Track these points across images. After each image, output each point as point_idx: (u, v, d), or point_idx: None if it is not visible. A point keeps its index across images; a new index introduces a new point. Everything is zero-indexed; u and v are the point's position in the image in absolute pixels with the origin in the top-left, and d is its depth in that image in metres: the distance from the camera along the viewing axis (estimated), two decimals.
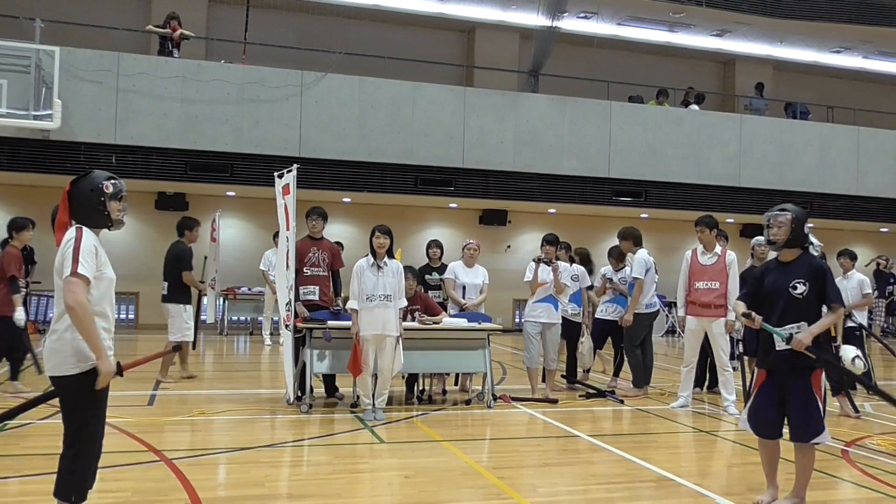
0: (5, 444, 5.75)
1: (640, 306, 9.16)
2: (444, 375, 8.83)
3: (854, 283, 9.50)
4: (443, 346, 7.89)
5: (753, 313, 4.70)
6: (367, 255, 7.18)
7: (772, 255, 5.70)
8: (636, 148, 16.29)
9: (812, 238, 4.91)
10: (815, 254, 4.97)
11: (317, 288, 7.98)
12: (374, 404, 7.11)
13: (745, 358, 8.83)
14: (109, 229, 3.67)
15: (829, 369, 7.94)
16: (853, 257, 9.73)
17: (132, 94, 13.38)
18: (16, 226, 8.60)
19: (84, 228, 3.58)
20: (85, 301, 3.43)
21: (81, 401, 3.52)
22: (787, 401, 4.71)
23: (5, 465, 5.13)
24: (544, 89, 16.39)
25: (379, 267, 7.03)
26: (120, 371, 3.58)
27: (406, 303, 7.41)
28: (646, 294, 9.17)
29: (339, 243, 9.73)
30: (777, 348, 4.68)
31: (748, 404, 4.94)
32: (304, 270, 7.96)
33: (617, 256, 9.69)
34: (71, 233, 3.51)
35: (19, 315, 7.93)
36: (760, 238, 9.12)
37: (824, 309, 4.79)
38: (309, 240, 8.15)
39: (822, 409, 4.73)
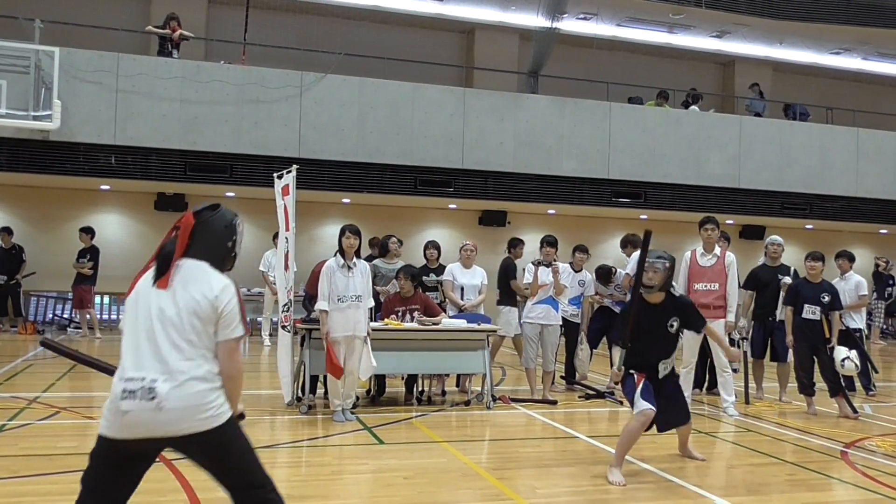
0: (4, 445, 5.75)
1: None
2: (444, 376, 8.83)
3: (851, 284, 9.51)
4: (442, 346, 7.89)
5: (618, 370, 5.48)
6: (335, 256, 7.09)
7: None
8: (635, 149, 16.29)
9: (673, 283, 5.70)
10: (676, 294, 5.70)
11: None
12: (342, 406, 7.05)
13: (751, 360, 8.84)
14: (225, 271, 3.14)
15: (823, 370, 8.01)
16: (851, 259, 9.73)
17: (132, 95, 13.38)
18: None
19: None
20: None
21: (238, 437, 3.01)
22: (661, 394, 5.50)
23: (3, 466, 5.12)
24: (544, 90, 16.40)
25: (349, 268, 6.99)
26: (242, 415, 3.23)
27: (374, 303, 7.39)
28: None
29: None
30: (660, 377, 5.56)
31: (639, 389, 5.40)
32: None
33: (604, 276, 9.72)
34: (228, 283, 3.05)
35: None
36: (775, 237, 9.14)
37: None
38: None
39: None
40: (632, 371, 5.49)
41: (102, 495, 2.92)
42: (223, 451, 2.96)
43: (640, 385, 5.40)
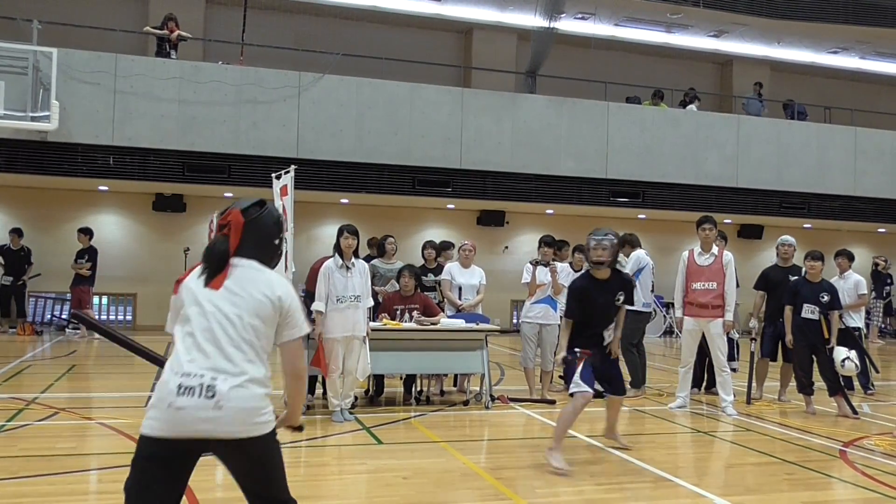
0: (2, 446, 5.74)
1: (637, 305, 9.17)
2: (442, 376, 8.83)
3: (850, 283, 9.48)
4: (440, 346, 7.88)
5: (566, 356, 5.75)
6: (333, 256, 7.07)
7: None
8: (633, 149, 16.30)
9: (620, 257, 6.11)
10: (621, 270, 6.05)
11: None
12: (341, 406, 7.05)
13: (757, 360, 8.82)
14: (272, 266, 3.06)
15: (822, 369, 7.99)
16: (851, 258, 9.72)
17: (130, 96, 13.38)
18: None
19: None
20: None
21: (278, 449, 2.94)
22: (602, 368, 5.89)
23: (2, 467, 5.12)
24: (542, 90, 16.40)
25: (347, 268, 6.98)
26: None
27: (373, 303, 7.38)
28: (642, 293, 9.18)
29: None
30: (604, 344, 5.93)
31: (580, 369, 5.65)
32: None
33: None
34: (287, 282, 3.02)
35: None
36: (787, 237, 9.10)
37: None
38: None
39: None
40: (576, 350, 5.74)
41: (152, 496, 2.76)
42: (263, 460, 2.87)
43: (581, 366, 5.67)
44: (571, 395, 5.70)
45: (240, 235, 2.94)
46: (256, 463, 2.86)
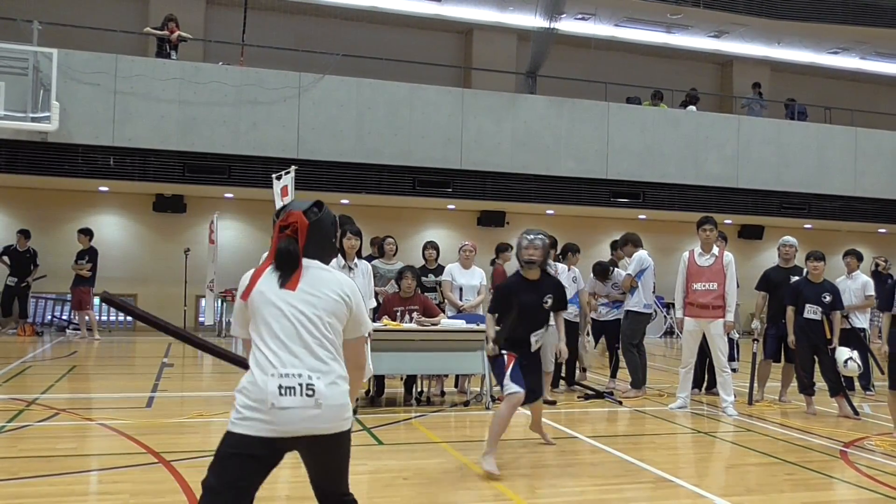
0: (3, 447, 5.74)
1: (638, 306, 9.18)
2: (443, 377, 8.83)
3: (858, 284, 9.45)
4: (441, 347, 7.88)
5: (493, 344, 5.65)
6: (336, 257, 7.07)
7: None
8: (634, 149, 16.31)
9: (549, 261, 6.00)
10: (550, 273, 5.97)
11: None
12: None
13: (760, 361, 8.82)
14: (328, 264, 3.12)
15: (824, 370, 7.99)
16: (860, 258, 9.71)
17: (130, 96, 13.39)
18: None
19: None
20: None
21: (349, 453, 3.04)
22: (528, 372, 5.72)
23: (2, 468, 5.11)
24: (542, 90, 16.41)
25: (350, 268, 6.98)
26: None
27: (375, 303, 7.38)
28: (644, 294, 9.19)
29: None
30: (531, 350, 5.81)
31: (509, 370, 5.54)
32: None
33: (601, 274, 9.70)
34: (352, 281, 3.12)
35: None
36: (788, 238, 9.09)
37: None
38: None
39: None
40: (503, 351, 5.62)
41: (238, 493, 2.82)
42: (342, 454, 2.99)
43: (510, 367, 5.55)
44: (503, 397, 5.57)
45: (305, 236, 2.99)
46: (339, 456, 2.97)
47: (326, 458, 2.96)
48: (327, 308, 2.92)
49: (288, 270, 2.93)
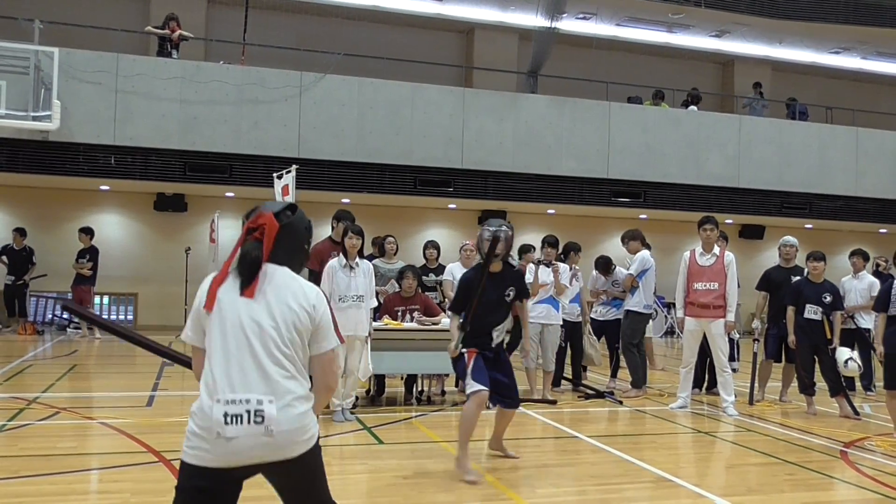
0: (3, 446, 5.75)
1: (639, 306, 9.18)
2: (443, 376, 8.82)
3: (865, 284, 9.43)
4: (442, 346, 7.81)
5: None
6: (337, 256, 7.07)
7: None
8: (635, 149, 16.30)
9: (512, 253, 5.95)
10: (512, 265, 5.89)
11: None
12: (342, 406, 7.05)
13: (760, 361, 8.81)
14: (299, 273, 2.89)
15: (824, 370, 7.94)
16: (866, 257, 9.71)
17: (131, 96, 13.39)
18: None
19: None
20: None
21: (321, 457, 2.83)
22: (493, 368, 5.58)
23: (3, 467, 5.12)
24: (543, 90, 16.40)
25: (351, 268, 6.98)
26: None
27: (377, 303, 7.37)
28: (645, 294, 9.18)
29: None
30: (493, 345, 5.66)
31: (470, 368, 5.43)
32: None
33: (604, 266, 9.69)
34: (319, 290, 2.85)
35: None
36: (788, 238, 9.09)
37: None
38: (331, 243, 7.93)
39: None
40: (464, 350, 5.49)
41: None
42: (311, 472, 2.77)
43: (472, 364, 5.41)
44: (467, 396, 5.40)
45: (273, 241, 2.77)
46: (305, 475, 2.76)
47: (291, 479, 2.73)
48: (287, 320, 2.67)
49: (247, 276, 2.69)
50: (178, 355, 3.26)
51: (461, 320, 5.54)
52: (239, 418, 2.54)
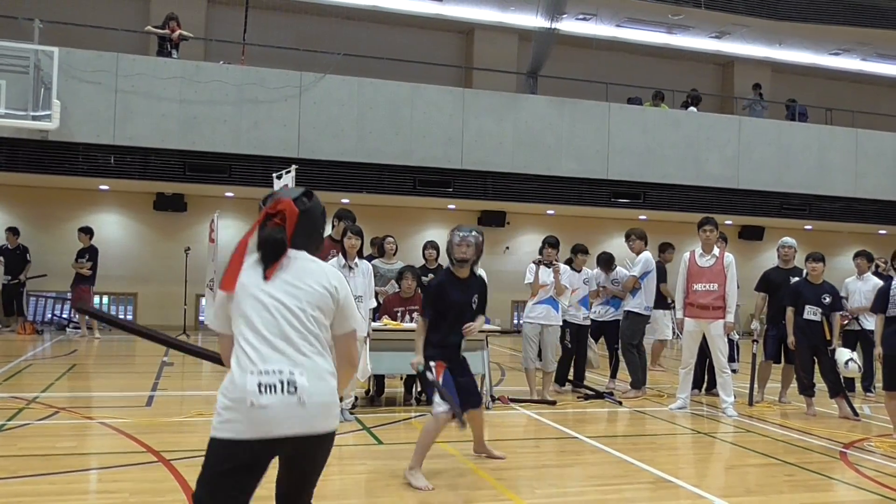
0: (2, 445, 5.75)
1: (639, 307, 9.18)
2: None
3: (869, 286, 9.43)
4: None
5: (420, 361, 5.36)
6: (336, 256, 7.06)
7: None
8: (634, 149, 16.30)
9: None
10: (477, 273, 5.78)
11: None
12: (341, 406, 7.04)
13: (760, 361, 8.81)
14: (316, 256, 2.98)
15: (823, 371, 7.92)
16: (870, 259, 9.72)
17: (131, 95, 13.38)
18: None
19: None
20: None
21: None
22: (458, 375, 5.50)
23: (2, 466, 5.12)
24: (543, 91, 16.40)
25: (350, 268, 6.98)
26: None
27: (376, 304, 7.37)
28: (645, 296, 9.19)
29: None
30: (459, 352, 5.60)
31: (441, 383, 5.25)
32: None
33: (606, 263, 9.68)
34: (340, 273, 2.97)
35: None
36: (787, 239, 9.09)
37: None
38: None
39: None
40: (431, 363, 5.35)
41: None
42: (322, 459, 2.84)
43: (441, 380, 5.29)
44: (433, 413, 5.23)
45: (294, 226, 2.85)
46: (319, 461, 2.84)
47: (307, 462, 2.81)
48: (311, 300, 2.77)
49: (271, 259, 2.79)
50: (206, 352, 3.28)
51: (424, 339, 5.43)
52: (273, 388, 2.60)
